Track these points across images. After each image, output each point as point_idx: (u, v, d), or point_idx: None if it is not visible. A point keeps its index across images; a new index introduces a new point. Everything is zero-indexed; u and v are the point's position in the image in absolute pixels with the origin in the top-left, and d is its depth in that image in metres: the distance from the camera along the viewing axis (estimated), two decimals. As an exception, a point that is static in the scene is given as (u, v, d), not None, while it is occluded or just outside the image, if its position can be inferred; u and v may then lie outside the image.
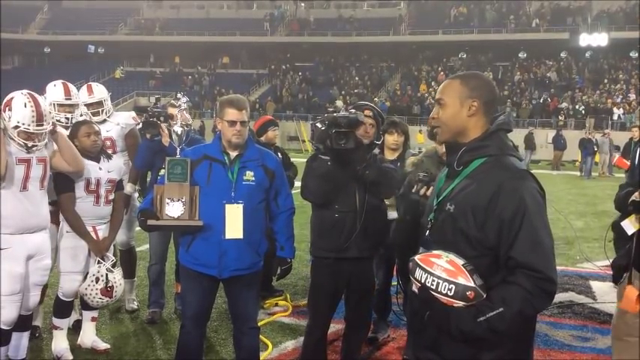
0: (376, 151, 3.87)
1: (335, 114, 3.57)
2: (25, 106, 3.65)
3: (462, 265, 2.05)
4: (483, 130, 2.22)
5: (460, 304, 2.03)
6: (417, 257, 2.15)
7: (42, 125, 3.69)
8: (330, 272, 3.71)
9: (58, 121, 4.25)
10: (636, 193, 3.16)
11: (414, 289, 2.15)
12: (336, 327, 4.62)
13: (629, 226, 3.20)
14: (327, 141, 3.52)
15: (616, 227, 3.43)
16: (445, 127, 2.25)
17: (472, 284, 2.02)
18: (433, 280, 2.05)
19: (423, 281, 2.08)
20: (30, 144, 3.68)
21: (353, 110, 3.66)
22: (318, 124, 3.67)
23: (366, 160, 3.62)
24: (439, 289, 2.04)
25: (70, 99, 4.64)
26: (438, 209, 2.23)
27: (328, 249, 3.69)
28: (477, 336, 2.04)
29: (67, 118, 4.57)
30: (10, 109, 3.67)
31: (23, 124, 3.63)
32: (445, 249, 2.12)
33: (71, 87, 4.72)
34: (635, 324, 3.32)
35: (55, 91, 4.61)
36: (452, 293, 2.02)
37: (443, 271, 2.04)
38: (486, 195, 2.07)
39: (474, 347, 2.10)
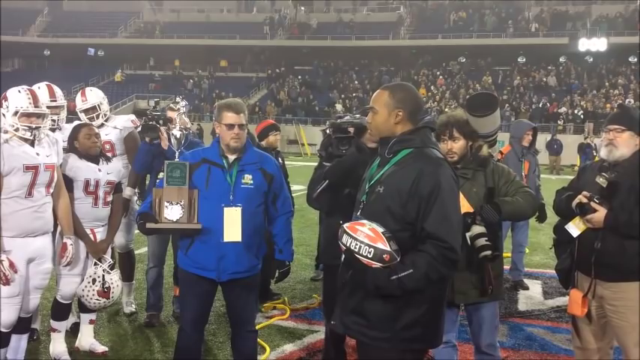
0: None
1: (339, 120, 3.57)
2: (20, 92, 3.78)
3: (382, 232, 2.41)
4: (411, 128, 2.60)
5: (377, 265, 2.39)
6: (344, 225, 2.50)
7: (40, 107, 3.78)
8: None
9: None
10: (580, 196, 3.20)
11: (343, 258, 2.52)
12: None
13: (573, 228, 3.25)
14: (330, 147, 3.51)
15: (558, 231, 3.44)
16: (376, 131, 2.65)
17: (388, 248, 2.38)
18: (356, 244, 2.41)
19: (348, 245, 2.44)
20: (34, 125, 3.71)
21: (358, 115, 3.65)
22: (328, 131, 3.68)
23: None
24: (360, 252, 2.40)
25: (56, 100, 4.61)
26: (369, 191, 2.60)
27: (335, 256, 3.69)
28: (390, 292, 2.41)
29: (54, 120, 4.55)
30: (6, 100, 3.76)
31: (21, 107, 3.70)
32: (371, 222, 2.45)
33: (56, 88, 4.67)
34: (589, 329, 3.36)
35: (38, 93, 4.52)
36: (371, 256, 2.38)
37: (365, 237, 2.40)
38: (410, 179, 2.46)
39: (395, 308, 2.46)
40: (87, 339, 4.49)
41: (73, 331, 4.65)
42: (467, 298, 3.46)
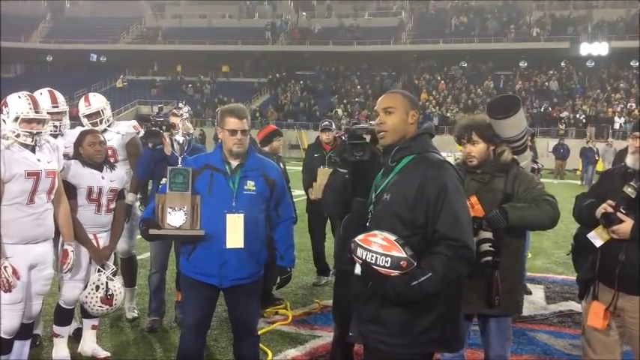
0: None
1: (354, 126, 3.57)
2: (20, 98, 3.76)
3: (395, 240, 2.45)
4: (412, 135, 2.69)
5: (396, 272, 2.42)
6: (357, 239, 2.54)
7: (40, 112, 3.77)
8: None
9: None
10: (604, 205, 3.07)
11: (357, 271, 2.52)
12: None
13: (596, 238, 3.12)
14: (344, 153, 3.51)
15: (578, 239, 3.31)
16: (392, 132, 2.68)
17: (404, 255, 2.42)
18: (372, 256, 2.45)
19: (363, 258, 2.47)
20: (34, 131, 3.70)
21: (373, 122, 3.66)
22: (343, 137, 3.68)
23: None
24: (377, 263, 2.44)
25: (58, 106, 4.61)
26: (376, 201, 2.66)
27: (348, 261, 3.67)
28: (411, 298, 2.44)
29: (56, 126, 4.55)
30: (6, 106, 3.74)
31: (22, 112, 3.68)
32: (381, 231, 2.50)
33: (58, 94, 4.67)
34: (602, 341, 3.24)
35: (40, 99, 4.36)
36: (388, 265, 2.42)
37: (379, 247, 2.44)
38: (415, 184, 2.52)
39: (411, 313, 2.49)
40: (89, 344, 4.49)
41: (76, 337, 4.65)
42: (474, 307, 3.37)
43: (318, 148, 6.67)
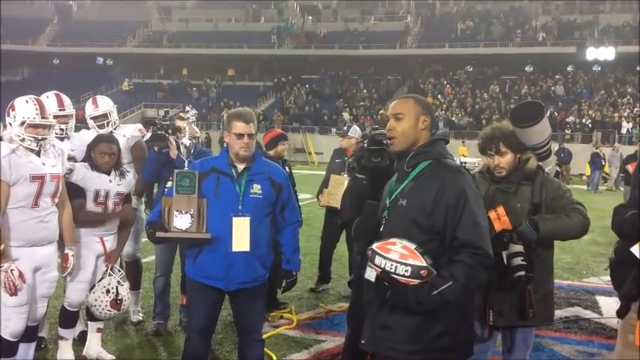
0: None
1: (374, 132, 3.55)
2: (27, 102, 3.74)
3: (414, 248, 2.40)
4: (428, 141, 2.66)
5: (416, 281, 2.38)
6: (374, 246, 2.48)
7: (47, 118, 3.75)
8: None
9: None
10: None
11: (370, 277, 2.50)
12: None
13: None
14: (362, 159, 3.49)
15: (619, 253, 3.12)
16: (403, 138, 2.64)
17: (424, 264, 2.38)
18: (392, 265, 2.39)
19: (382, 266, 2.41)
20: (40, 137, 3.69)
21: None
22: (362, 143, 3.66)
23: None
24: (397, 272, 2.38)
25: (64, 109, 4.61)
26: (391, 207, 2.63)
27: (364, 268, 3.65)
28: (432, 307, 2.41)
29: (62, 129, 4.56)
30: (13, 110, 3.73)
31: (28, 117, 3.67)
32: (399, 238, 2.46)
33: (64, 97, 4.66)
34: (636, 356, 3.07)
35: (46, 102, 4.29)
36: (408, 274, 2.38)
37: (399, 255, 2.39)
38: (433, 189, 2.49)
39: (423, 319, 2.47)
40: (94, 347, 4.49)
41: (81, 340, 4.65)
42: (507, 319, 3.29)
43: (341, 154, 6.55)
